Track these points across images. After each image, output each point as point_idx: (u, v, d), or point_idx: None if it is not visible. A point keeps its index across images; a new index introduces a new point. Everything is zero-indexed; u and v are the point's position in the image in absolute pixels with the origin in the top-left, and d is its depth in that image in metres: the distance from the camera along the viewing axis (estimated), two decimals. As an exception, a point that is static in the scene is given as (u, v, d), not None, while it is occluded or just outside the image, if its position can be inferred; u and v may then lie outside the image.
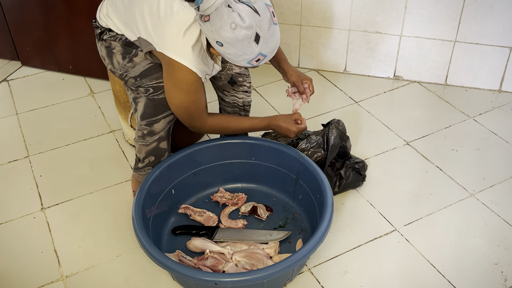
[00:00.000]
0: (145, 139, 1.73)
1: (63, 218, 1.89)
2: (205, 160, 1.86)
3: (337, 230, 1.80)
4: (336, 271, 1.67)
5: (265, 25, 1.38)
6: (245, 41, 1.38)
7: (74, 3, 2.44)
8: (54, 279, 1.68)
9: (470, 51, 2.39)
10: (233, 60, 1.44)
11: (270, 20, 1.39)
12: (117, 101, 2.11)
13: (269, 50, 1.43)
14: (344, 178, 1.90)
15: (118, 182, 2.03)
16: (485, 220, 1.82)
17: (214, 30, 1.37)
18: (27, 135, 2.30)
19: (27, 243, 1.80)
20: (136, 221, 1.57)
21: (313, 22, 2.54)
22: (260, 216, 1.82)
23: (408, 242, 1.76)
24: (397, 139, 2.19)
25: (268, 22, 1.38)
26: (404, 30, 2.42)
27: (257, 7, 1.36)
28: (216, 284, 1.42)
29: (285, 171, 1.84)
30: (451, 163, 2.06)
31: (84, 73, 2.66)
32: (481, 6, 2.26)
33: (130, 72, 1.65)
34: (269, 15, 1.39)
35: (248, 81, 1.86)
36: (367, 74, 2.61)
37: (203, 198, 1.92)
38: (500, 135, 2.19)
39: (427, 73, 2.51)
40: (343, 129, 1.94)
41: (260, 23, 1.37)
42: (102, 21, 1.68)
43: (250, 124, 1.74)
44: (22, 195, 2.00)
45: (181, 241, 1.75)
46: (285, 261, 1.45)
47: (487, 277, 1.64)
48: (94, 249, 1.77)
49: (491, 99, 2.40)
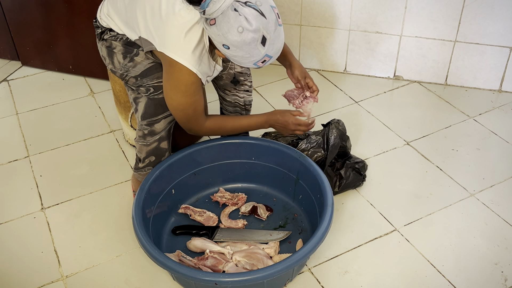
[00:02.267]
0: (146, 139, 1.73)
1: (63, 218, 1.89)
2: (205, 160, 1.86)
3: (337, 230, 1.80)
4: (336, 271, 1.67)
5: (271, 28, 1.38)
6: (252, 44, 1.38)
7: (74, 3, 2.44)
8: (54, 279, 1.68)
9: (470, 51, 2.39)
10: (239, 62, 1.45)
11: (275, 22, 1.40)
12: (117, 101, 2.11)
13: (275, 51, 1.44)
14: (344, 178, 1.90)
15: (118, 182, 2.03)
16: (485, 220, 1.82)
17: (221, 34, 1.37)
18: (27, 135, 2.30)
19: (27, 243, 1.80)
20: (136, 221, 1.57)
21: (313, 22, 2.54)
22: (260, 216, 1.82)
23: (408, 242, 1.76)
24: (397, 139, 2.19)
25: (274, 24, 1.39)
26: (404, 30, 2.42)
27: (263, 10, 1.37)
28: (216, 284, 1.42)
29: (285, 171, 1.84)
30: (451, 163, 2.06)
31: (84, 73, 2.67)
32: (481, 6, 2.26)
33: (130, 71, 1.64)
34: (274, 17, 1.40)
35: (249, 80, 1.86)
36: (367, 74, 2.61)
37: (203, 198, 1.92)
38: (500, 135, 2.19)
39: (427, 73, 2.51)
40: (343, 129, 1.94)
41: (267, 25, 1.37)
42: (102, 21, 1.68)
43: (248, 123, 1.74)
44: (22, 195, 2.00)
45: (181, 241, 1.75)
46: (285, 261, 1.45)
47: (487, 277, 1.64)
48: (94, 249, 1.77)
49: (491, 99, 2.40)
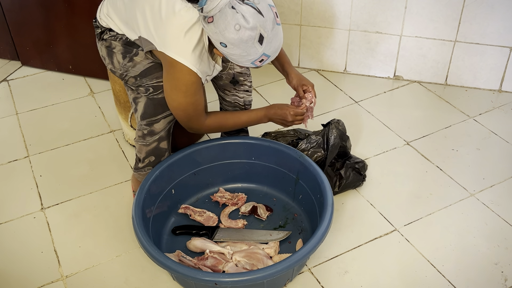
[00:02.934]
0: (145, 139, 1.73)
1: (63, 218, 1.89)
2: (205, 160, 1.86)
3: (337, 230, 1.80)
4: (336, 271, 1.67)
5: (268, 26, 1.39)
6: (249, 42, 1.38)
7: (74, 3, 2.44)
8: (54, 279, 1.68)
9: (470, 51, 2.39)
10: (237, 60, 1.45)
11: (273, 20, 1.40)
12: (117, 101, 2.11)
13: (273, 51, 1.44)
14: (344, 178, 1.90)
15: (118, 182, 2.03)
16: (485, 220, 1.82)
17: (218, 31, 1.37)
18: (27, 135, 2.30)
19: (27, 243, 1.80)
20: (136, 221, 1.57)
21: (313, 22, 2.54)
22: (260, 216, 1.82)
23: (408, 242, 1.75)
24: (397, 139, 2.19)
25: (271, 22, 1.39)
26: (404, 30, 2.42)
27: (260, 8, 1.37)
28: (216, 284, 1.42)
29: (285, 171, 1.84)
30: (451, 163, 2.06)
31: (84, 73, 2.66)
32: (481, 6, 2.26)
33: (130, 71, 1.64)
34: (272, 16, 1.40)
35: (249, 80, 1.86)
36: (367, 74, 2.61)
37: (203, 198, 1.92)
38: (500, 135, 2.19)
39: (427, 73, 2.51)
40: (343, 129, 1.94)
41: (264, 24, 1.38)
42: (102, 21, 1.68)
43: (247, 118, 1.74)
44: (22, 195, 2.00)
45: (181, 241, 1.75)
46: (285, 261, 1.45)
47: (487, 277, 1.64)
48: (94, 249, 1.77)
49: (491, 99, 2.40)
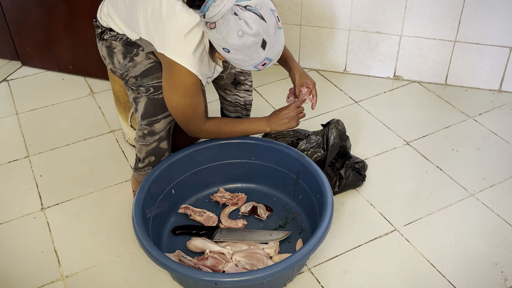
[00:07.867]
0: (146, 139, 1.73)
1: (63, 218, 1.89)
2: (205, 160, 1.86)
3: (337, 230, 1.80)
4: (336, 271, 1.67)
5: (271, 31, 1.39)
6: (252, 47, 1.38)
7: (74, 3, 2.44)
8: (54, 279, 1.68)
9: (470, 51, 2.39)
10: (240, 65, 1.45)
11: (275, 25, 1.40)
12: (117, 101, 2.11)
13: (275, 54, 1.45)
14: (344, 178, 1.90)
15: (118, 182, 2.03)
16: (485, 220, 1.82)
17: (221, 37, 1.38)
18: (27, 135, 2.30)
19: (27, 243, 1.80)
20: (136, 221, 1.57)
21: (313, 22, 2.54)
22: (260, 216, 1.82)
23: (408, 242, 1.76)
24: (397, 139, 2.19)
25: (274, 27, 1.40)
26: (404, 30, 2.42)
27: (263, 14, 1.37)
28: (216, 284, 1.42)
29: (285, 171, 1.84)
30: (451, 163, 2.06)
31: (84, 73, 2.66)
32: (481, 6, 2.26)
33: (130, 71, 1.64)
34: (274, 21, 1.40)
35: (249, 80, 1.86)
36: (367, 74, 2.61)
37: (203, 198, 1.92)
38: (500, 135, 2.19)
39: (427, 73, 2.51)
40: (343, 129, 1.94)
41: (267, 29, 1.38)
42: (103, 21, 1.68)
43: (248, 124, 1.75)
44: (22, 195, 2.00)
45: (181, 241, 1.75)
46: (285, 261, 1.45)
47: (487, 277, 1.64)
48: (94, 249, 1.77)
49: (491, 99, 2.40)
